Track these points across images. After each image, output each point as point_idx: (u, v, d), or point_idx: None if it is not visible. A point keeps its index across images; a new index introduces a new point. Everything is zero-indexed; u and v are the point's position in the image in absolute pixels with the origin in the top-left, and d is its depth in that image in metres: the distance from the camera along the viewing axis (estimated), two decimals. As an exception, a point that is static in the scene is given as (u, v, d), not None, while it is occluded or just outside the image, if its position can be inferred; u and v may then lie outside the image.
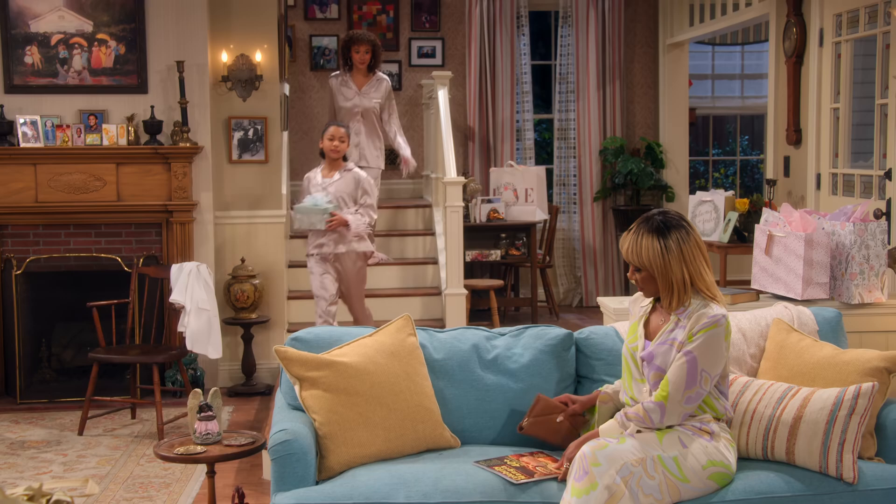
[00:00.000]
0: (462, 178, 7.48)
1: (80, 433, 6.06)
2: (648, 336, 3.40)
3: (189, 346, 6.11)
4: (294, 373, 3.51)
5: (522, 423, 3.56)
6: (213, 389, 3.84)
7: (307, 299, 7.67)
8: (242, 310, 7.10)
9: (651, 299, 3.46)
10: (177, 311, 6.24)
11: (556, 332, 3.87)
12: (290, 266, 7.88)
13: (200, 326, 6.14)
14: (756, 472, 3.40)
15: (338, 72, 7.59)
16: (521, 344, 3.83)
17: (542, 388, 3.72)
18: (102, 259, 6.94)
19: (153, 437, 5.94)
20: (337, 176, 6.28)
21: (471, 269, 8.99)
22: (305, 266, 7.98)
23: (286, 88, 8.25)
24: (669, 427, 3.28)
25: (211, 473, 3.73)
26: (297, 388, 3.52)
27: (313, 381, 3.48)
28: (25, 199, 6.86)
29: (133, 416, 6.45)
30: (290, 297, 7.66)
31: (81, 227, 7.00)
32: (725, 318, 3.28)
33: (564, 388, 3.78)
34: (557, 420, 3.51)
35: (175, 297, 6.15)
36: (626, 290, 9.84)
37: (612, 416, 3.44)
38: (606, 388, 3.58)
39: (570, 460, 3.26)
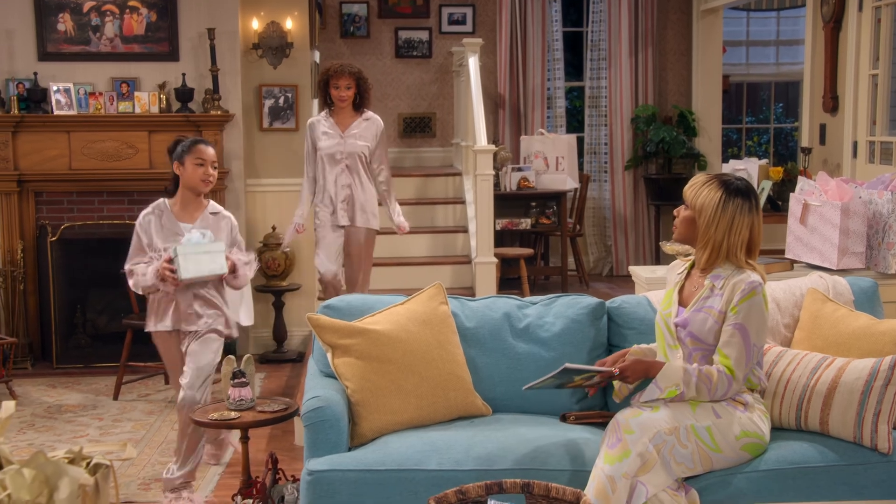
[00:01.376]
0: (492, 147, 7.44)
1: (115, 398, 6.14)
2: (682, 303, 3.38)
3: (221, 313, 6.14)
4: (327, 340, 3.53)
5: (569, 417, 3.56)
6: (247, 356, 3.87)
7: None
8: (273, 277, 7.13)
9: (686, 266, 3.44)
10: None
11: (587, 300, 3.86)
12: (320, 234, 7.89)
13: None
14: (789, 441, 3.38)
15: (320, 115, 6.13)
16: (553, 313, 3.82)
17: (574, 357, 3.70)
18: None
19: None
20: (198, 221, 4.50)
21: (501, 238, 8.97)
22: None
23: (316, 56, 8.24)
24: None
25: (245, 439, 3.76)
26: (329, 355, 3.53)
27: (346, 348, 3.50)
28: (59, 167, 6.91)
29: (166, 382, 6.52)
30: (320, 265, 7.68)
31: (115, 194, 7.05)
32: (762, 286, 3.25)
33: (595, 358, 3.76)
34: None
35: (207, 265, 6.18)
36: (658, 260, 9.79)
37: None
38: (641, 347, 3.55)
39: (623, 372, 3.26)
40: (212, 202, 4.56)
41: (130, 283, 4.42)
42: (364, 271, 6.21)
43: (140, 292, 4.50)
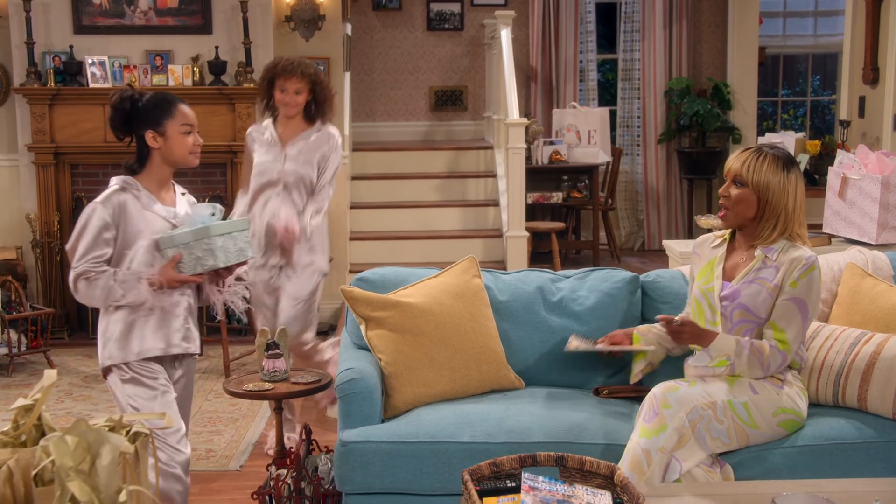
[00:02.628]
0: (524, 120, 7.40)
1: (150, 369, 6.19)
2: (727, 277, 3.34)
3: (254, 286, 6.17)
4: (360, 313, 3.54)
5: (602, 391, 3.57)
6: (280, 328, 3.88)
7: (369, 240, 7.73)
8: (306, 250, 7.14)
9: (724, 241, 3.40)
10: (242, 251, 6.28)
11: (621, 274, 3.84)
12: (352, 207, 7.91)
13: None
14: (826, 417, 3.35)
15: (263, 123, 4.74)
16: (587, 286, 3.81)
17: (607, 331, 3.69)
18: (169, 199, 7.02)
19: (220, 374, 6.04)
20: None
21: (532, 212, 8.96)
22: (367, 208, 8.06)
23: (348, 28, 8.22)
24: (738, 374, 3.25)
25: (279, 410, 3.79)
26: (362, 327, 3.54)
27: (379, 321, 3.51)
28: (95, 139, 6.95)
29: (200, 353, 6.56)
30: (352, 238, 7.70)
31: (148, 167, 7.07)
32: (817, 259, 3.23)
33: (630, 331, 3.76)
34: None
35: (240, 237, 6.20)
36: (690, 234, 9.73)
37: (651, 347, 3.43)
38: (640, 328, 3.55)
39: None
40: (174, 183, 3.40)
41: (81, 291, 3.18)
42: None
43: (102, 305, 3.25)
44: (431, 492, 3.24)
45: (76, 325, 7.14)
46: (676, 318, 3.33)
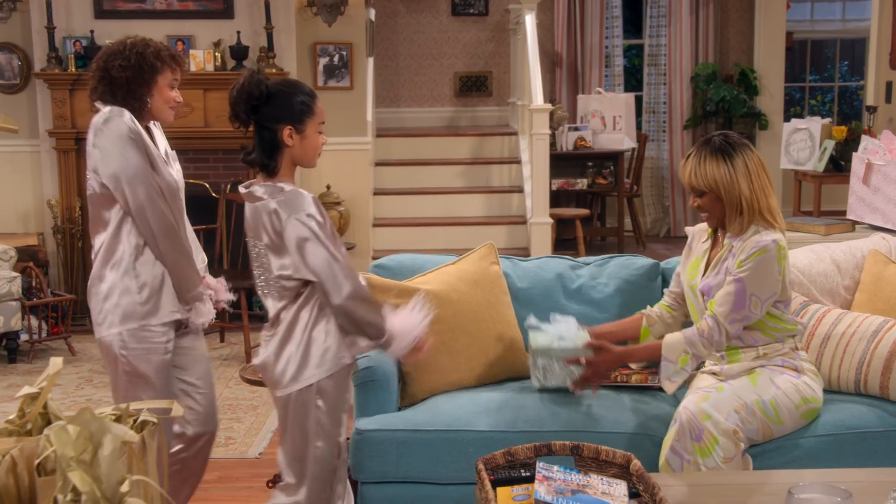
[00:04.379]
0: (549, 106, 7.34)
1: (171, 355, 6.19)
2: (707, 271, 3.30)
3: (275, 272, 6.16)
4: (377, 300, 3.49)
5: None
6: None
7: (393, 227, 7.70)
8: (328, 236, 7.12)
9: (708, 235, 3.35)
10: (263, 237, 6.28)
11: (641, 261, 3.79)
12: (375, 193, 7.88)
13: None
14: (847, 405, 3.29)
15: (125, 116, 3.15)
16: (607, 273, 3.76)
17: (627, 317, 3.64)
18: (191, 185, 6.99)
19: (241, 361, 6.04)
20: None
21: (557, 198, 8.89)
22: (391, 194, 8.01)
23: (372, 13, 8.17)
24: (754, 369, 3.19)
25: (295, 397, 3.76)
26: (379, 314, 3.50)
27: (396, 308, 3.46)
28: (116, 125, 6.94)
29: (222, 340, 6.57)
30: (375, 225, 7.67)
31: (170, 152, 7.07)
32: (776, 243, 3.14)
33: (650, 319, 3.70)
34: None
35: (261, 223, 6.19)
36: (716, 221, 9.62)
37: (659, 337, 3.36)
38: (649, 311, 3.49)
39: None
40: None
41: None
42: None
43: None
44: (447, 480, 3.21)
45: (99, 311, 7.15)
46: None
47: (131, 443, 2.07)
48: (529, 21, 7.92)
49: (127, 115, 3.13)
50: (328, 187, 7.18)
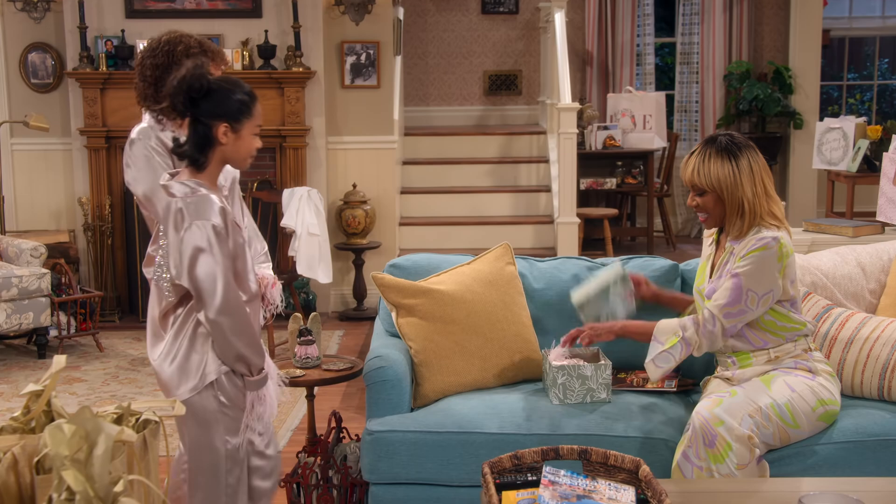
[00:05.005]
0: (576, 105, 7.29)
1: (197, 353, 6.22)
2: (712, 275, 3.26)
3: (299, 270, 6.18)
4: (391, 300, 3.48)
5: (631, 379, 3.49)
6: (313, 314, 3.85)
7: (419, 226, 7.69)
8: (354, 235, 7.13)
9: (713, 239, 3.30)
10: (288, 236, 6.31)
11: (660, 262, 3.73)
12: (402, 192, 7.87)
13: (311, 251, 6.19)
14: (869, 410, 3.22)
15: (147, 123, 3.23)
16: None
17: (644, 321, 3.59)
18: (218, 183, 7.04)
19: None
20: None
21: (587, 198, 8.85)
22: (417, 193, 8.01)
23: (400, 12, 8.16)
24: (767, 372, 3.13)
25: (310, 396, 3.75)
26: (393, 315, 3.49)
27: (410, 308, 3.45)
28: (144, 124, 6.99)
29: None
30: (401, 224, 7.66)
31: (198, 151, 7.11)
32: (777, 241, 3.09)
33: (668, 321, 3.66)
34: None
35: (286, 222, 6.22)
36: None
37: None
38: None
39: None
40: None
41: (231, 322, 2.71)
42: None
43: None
44: (458, 483, 3.18)
45: (127, 309, 7.22)
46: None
47: (130, 442, 2.07)
48: (559, 19, 7.87)
49: (154, 138, 3.15)
50: (354, 186, 7.17)
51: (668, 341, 3.14)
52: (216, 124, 2.72)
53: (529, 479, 2.60)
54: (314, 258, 6.21)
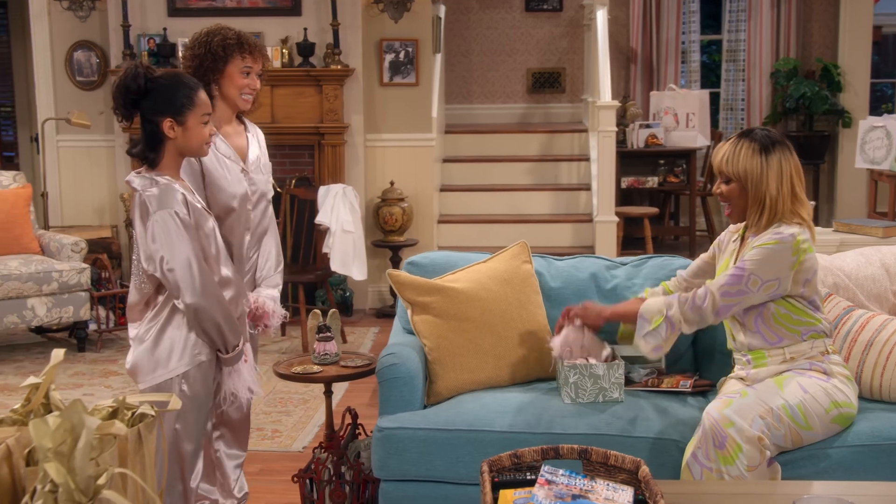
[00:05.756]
0: (615, 102, 7.24)
1: (232, 347, 6.29)
2: None
3: (333, 267, 6.22)
4: (406, 297, 3.49)
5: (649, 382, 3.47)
6: (332, 311, 3.87)
7: (458, 223, 7.69)
8: (391, 232, 7.16)
9: (738, 235, 3.26)
10: (323, 233, 6.35)
11: (679, 262, 3.70)
12: (442, 190, 7.88)
13: (345, 248, 6.23)
14: (886, 414, 3.16)
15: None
16: (643, 274, 3.68)
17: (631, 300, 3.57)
18: (257, 180, 7.10)
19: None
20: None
21: (630, 197, 8.78)
22: (457, 190, 8.01)
23: (440, 10, 8.16)
24: (781, 373, 3.09)
25: (328, 392, 3.78)
26: (409, 312, 3.50)
27: (424, 306, 3.45)
28: (185, 121, 7.08)
29: (283, 334, 6.65)
30: (440, 221, 7.66)
31: (238, 148, 7.19)
32: (794, 237, 3.05)
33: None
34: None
35: (320, 219, 6.26)
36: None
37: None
38: (651, 290, 3.46)
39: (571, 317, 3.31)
40: None
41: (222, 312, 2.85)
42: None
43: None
44: (467, 481, 3.18)
45: (167, 303, 7.31)
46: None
47: (119, 435, 2.10)
48: (601, 16, 7.82)
49: None
50: (392, 183, 7.20)
51: (653, 320, 3.14)
52: (161, 120, 2.79)
53: (528, 478, 2.59)
54: (348, 255, 6.25)
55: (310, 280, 6.31)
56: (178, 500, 2.93)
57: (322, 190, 6.36)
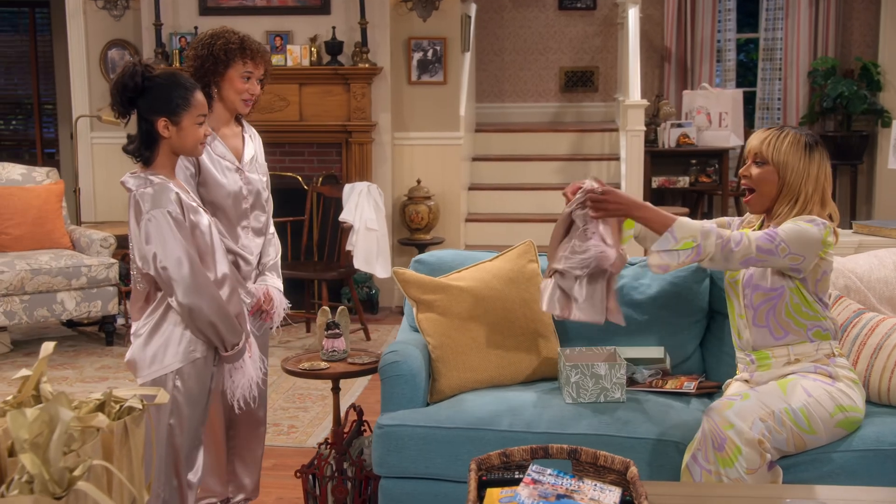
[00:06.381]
0: (644, 101, 7.20)
1: (256, 343, 6.35)
2: None
3: (357, 265, 6.25)
4: (411, 295, 3.51)
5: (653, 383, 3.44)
6: (341, 308, 3.89)
7: (485, 222, 7.69)
8: (417, 230, 7.18)
9: (756, 228, 3.21)
10: (347, 230, 6.38)
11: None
12: (471, 188, 7.87)
13: (368, 245, 6.25)
14: (893, 418, 3.10)
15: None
16: (651, 274, 3.66)
17: (670, 322, 3.55)
18: (286, 177, 7.16)
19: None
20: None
21: (661, 196, 8.71)
22: (486, 189, 8.00)
23: (471, 9, 8.16)
24: (785, 376, 3.05)
25: (335, 389, 3.80)
26: (414, 310, 3.51)
27: (429, 304, 3.47)
28: (215, 119, 7.15)
29: (307, 330, 6.69)
30: (468, 220, 7.66)
31: (267, 145, 7.21)
32: (826, 226, 3.00)
33: (694, 324, 3.59)
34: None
35: (344, 217, 6.29)
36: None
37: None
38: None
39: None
40: None
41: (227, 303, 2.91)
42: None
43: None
44: (465, 479, 3.17)
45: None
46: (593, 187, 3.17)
47: (102, 428, 2.13)
48: (632, 14, 7.78)
49: None
50: (419, 181, 7.21)
51: (682, 242, 2.93)
52: (156, 120, 2.81)
53: (517, 477, 2.59)
54: (372, 253, 6.27)
55: (333, 277, 6.34)
56: (173, 495, 2.96)
57: (347, 188, 6.39)
